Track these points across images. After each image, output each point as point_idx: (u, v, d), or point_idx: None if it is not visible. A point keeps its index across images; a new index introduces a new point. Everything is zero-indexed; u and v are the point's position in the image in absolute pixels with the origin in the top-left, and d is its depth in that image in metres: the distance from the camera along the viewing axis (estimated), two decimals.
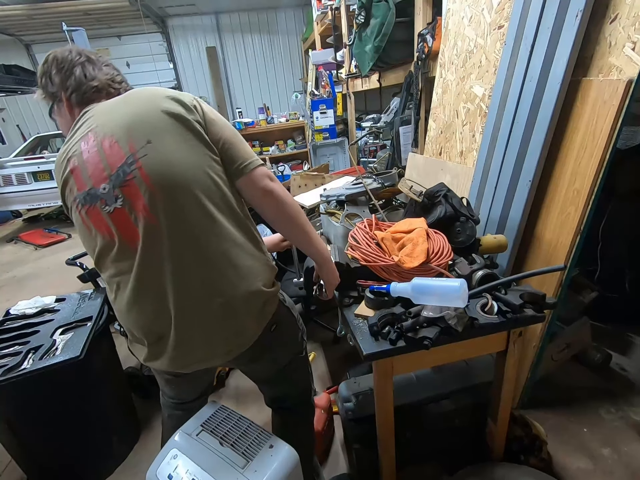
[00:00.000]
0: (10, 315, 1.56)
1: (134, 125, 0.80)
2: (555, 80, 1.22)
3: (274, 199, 0.89)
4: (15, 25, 6.40)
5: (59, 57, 0.91)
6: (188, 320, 0.84)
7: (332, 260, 1.06)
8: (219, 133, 0.87)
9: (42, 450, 1.40)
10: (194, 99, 0.88)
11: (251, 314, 0.89)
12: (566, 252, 1.23)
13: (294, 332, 1.09)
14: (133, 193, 0.78)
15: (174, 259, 0.81)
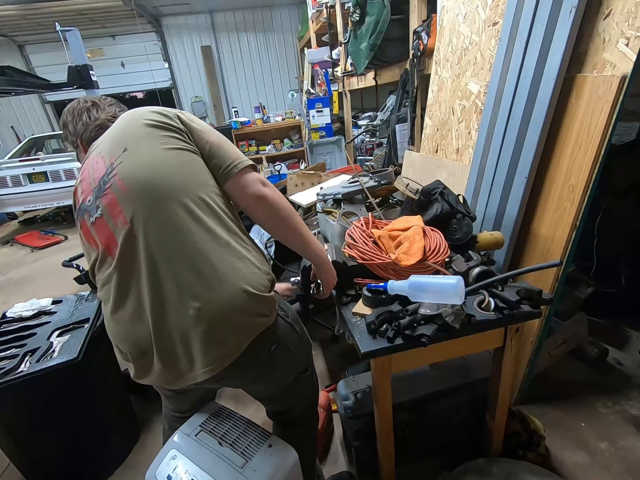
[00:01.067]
0: (6, 317, 1.55)
1: (115, 140, 0.86)
2: (550, 77, 1.22)
3: (266, 204, 0.87)
4: (8, 26, 6.35)
5: (70, 108, 1.03)
6: (166, 331, 0.79)
7: (330, 260, 1.04)
8: (204, 137, 0.88)
9: (41, 453, 1.40)
10: (179, 111, 0.91)
11: (232, 322, 0.79)
12: (562, 247, 1.24)
13: (298, 350, 1.00)
14: (110, 201, 0.80)
15: (149, 263, 0.78)
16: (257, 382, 0.95)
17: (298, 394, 1.07)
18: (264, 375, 0.93)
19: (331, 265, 1.04)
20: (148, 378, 0.85)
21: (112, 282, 0.82)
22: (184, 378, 0.81)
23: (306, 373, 1.06)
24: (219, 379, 0.84)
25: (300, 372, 1.03)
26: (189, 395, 1.05)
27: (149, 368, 0.83)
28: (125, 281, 0.81)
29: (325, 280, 1.05)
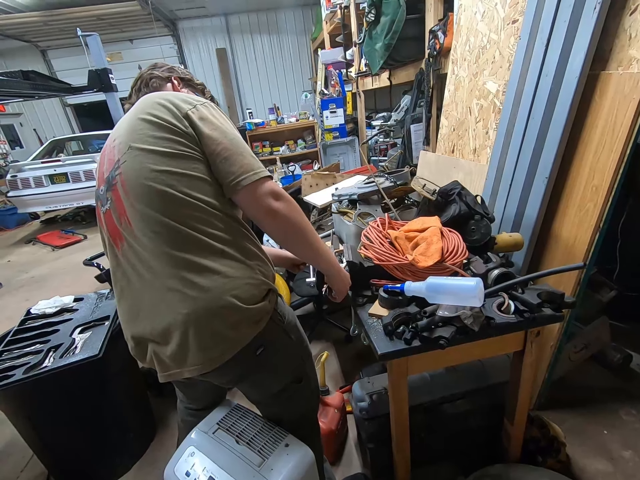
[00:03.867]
0: (31, 314, 1.60)
1: (126, 131, 0.83)
2: (573, 75, 1.19)
3: (278, 220, 0.81)
4: (31, 32, 6.58)
5: None
6: (156, 331, 0.80)
7: (342, 268, 1.00)
8: (211, 146, 0.80)
9: (62, 446, 1.44)
10: (194, 107, 0.82)
11: (217, 332, 0.77)
12: (584, 249, 1.21)
13: (289, 357, 0.95)
14: (117, 197, 0.81)
15: (147, 265, 0.79)
16: (241, 382, 0.93)
17: (289, 404, 0.99)
18: (248, 377, 0.90)
19: (343, 274, 1.00)
20: (145, 364, 0.88)
21: (118, 274, 0.85)
22: (170, 373, 0.82)
23: (299, 384, 0.97)
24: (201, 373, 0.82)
25: (291, 381, 0.96)
26: (196, 387, 1.06)
27: (144, 357, 0.86)
28: (127, 278, 0.83)
29: (338, 290, 1.02)
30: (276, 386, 0.95)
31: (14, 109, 7.59)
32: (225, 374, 0.87)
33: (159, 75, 1.04)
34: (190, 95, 0.87)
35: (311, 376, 1.05)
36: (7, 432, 1.76)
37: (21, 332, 1.48)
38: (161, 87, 1.04)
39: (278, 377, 0.94)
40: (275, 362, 0.91)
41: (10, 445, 1.74)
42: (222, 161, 0.80)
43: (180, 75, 1.08)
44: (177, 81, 1.06)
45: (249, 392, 0.98)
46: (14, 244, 5.11)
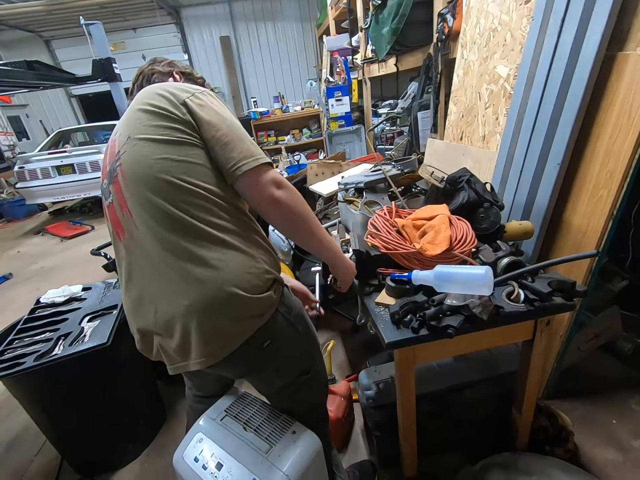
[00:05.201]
0: (40, 303, 1.62)
1: (126, 123, 0.83)
2: (588, 56, 1.14)
3: (280, 209, 0.80)
4: (35, 22, 6.55)
5: None
6: (161, 324, 0.79)
7: (346, 259, 0.98)
8: (211, 132, 0.78)
9: (74, 432, 1.47)
10: (192, 95, 0.80)
11: (220, 323, 0.77)
12: (597, 237, 1.18)
13: (297, 349, 0.93)
14: (117, 189, 0.81)
15: (149, 259, 0.78)
16: (249, 375, 0.93)
17: (298, 396, 0.98)
18: (256, 371, 0.90)
19: (347, 264, 0.98)
20: (153, 357, 0.88)
21: (122, 267, 0.86)
22: (176, 366, 0.82)
23: (307, 375, 0.96)
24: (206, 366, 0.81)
25: (299, 373, 0.94)
26: (204, 377, 1.07)
27: (150, 351, 0.87)
28: (131, 270, 0.83)
29: (342, 280, 1.00)
30: (284, 379, 0.94)
31: (19, 100, 7.61)
32: (232, 367, 0.87)
33: (160, 70, 1.03)
34: (189, 85, 0.86)
35: (319, 368, 1.03)
36: (21, 419, 1.80)
37: (31, 320, 1.50)
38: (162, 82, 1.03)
39: (285, 370, 0.93)
40: (283, 355, 0.89)
41: (24, 431, 1.79)
42: (221, 147, 0.78)
43: (181, 70, 1.08)
44: (178, 75, 1.06)
45: (258, 385, 0.98)
46: (23, 235, 5.17)
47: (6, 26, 6.60)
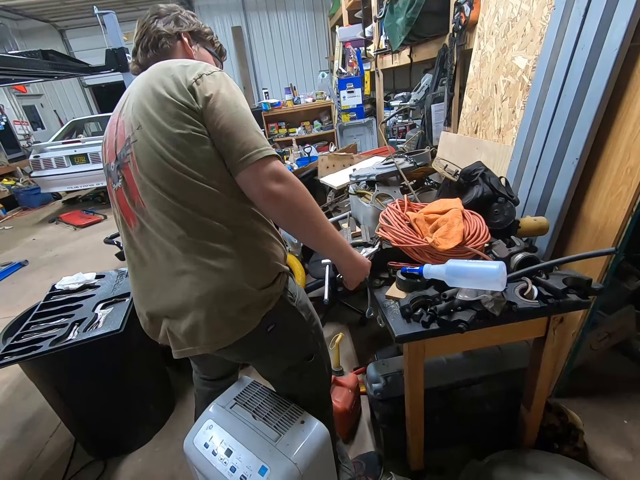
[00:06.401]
0: (55, 290, 1.65)
1: (135, 106, 0.79)
2: (612, 47, 1.11)
3: (278, 204, 0.75)
4: (49, 11, 6.59)
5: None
6: (170, 311, 0.81)
7: (354, 257, 0.93)
8: (214, 120, 0.75)
9: (87, 415, 1.51)
10: (199, 78, 0.76)
11: (227, 315, 0.78)
12: (615, 235, 1.15)
13: (300, 336, 0.95)
14: (129, 176, 0.80)
15: (157, 245, 0.79)
16: (253, 359, 0.95)
17: (302, 381, 1.00)
18: (260, 354, 0.92)
19: (355, 263, 0.93)
20: (159, 340, 0.90)
21: (131, 252, 0.87)
22: (183, 350, 0.83)
23: (310, 360, 0.98)
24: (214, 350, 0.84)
25: (303, 358, 0.97)
26: (209, 360, 1.10)
27: (157, 333, 0.88)
28: (140, 257, 0.84)
29: (348, 279, 0.96)
30: (287, 363, 0.96)
31: (34, 89, 7.70)
32: (238, 351, 0.89)
33: (166, 32, 0.92)
34: (197, 64, 0.80)
35: (323, 357, 1.04)
36: (37, 401, 1.86)
37: (47, 306, 1.54)
38: (172, 50, 0.94)
39: (289, 354, 0.95)
40: (286, 340, 0.92)
41: (39, 413, 1.84)
42: (224, 138, 0.75)
43: (189, 29, 0.96)
44: (186, 38, 0.96)
45: (262, 368, 1.00)
46: (38, 223, 5.28)
47: (22, 16, 6.66)
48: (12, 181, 6.22)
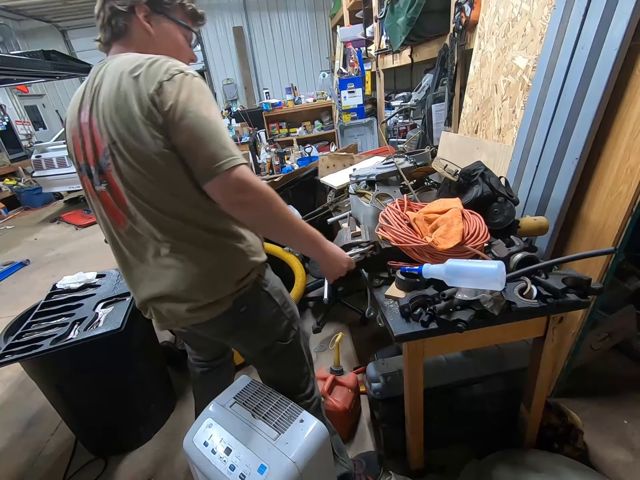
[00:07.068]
0: (57, 289, 1.66)
1: (107, 115, 0.76)
2: (612, 46, 1.11)
3: (244, 212, 0.78)
4: (51, 12, 6.60)
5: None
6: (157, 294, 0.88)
7: (330, 252, 0.95)
8: (176, 135, 0.74)
9: (88, 414, 1.51)
10: (159, 87, 0.72)
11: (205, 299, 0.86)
12: (615, 234, 1.15)
13: (272, 318, 1.00)
14: (113, 182, 0.81)
15: (145, 245, 0.86)
16: (229, 336, 1.01)
17: (278, 363, 1.06)
18: (235, 332, 0.98)
19: (332, 258, 0.96)
20: (145, 314, 0.98)
21: (119, 247, 0.91)
22: (165, 324, 0.94)
23: (284, 342, 1.03)
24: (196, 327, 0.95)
25: (278, 339, 1.02)
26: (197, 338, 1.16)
27: (145, 310, 0.97)
28: (130, 252, 0.89)
29: (325, 272, 1.00)
30: (261, 343, 1.02)
31: (36, 90, 7.71)
32: (214, 327, 0.96)
33: (118, 10, 0.82)
34: (159, 66, 0.74)
35: (300, 341, 1.09)
36: (40, 399, 1.86)
37: (48, 305, 1.54)
38: (127, 30, 0.84)
39: (262, 335, 1.00)
40: (258, 320, 0.97)
41: (41, 411, 1.85)
42: (185, 152, 0.75)
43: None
44: (143, 13, 0.83)
45: (238, 346, 1.07)
46: (40, 223, 5.29)
47: (24, 16, 6.67)
48: (14, 181, 6.24)
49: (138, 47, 0.85)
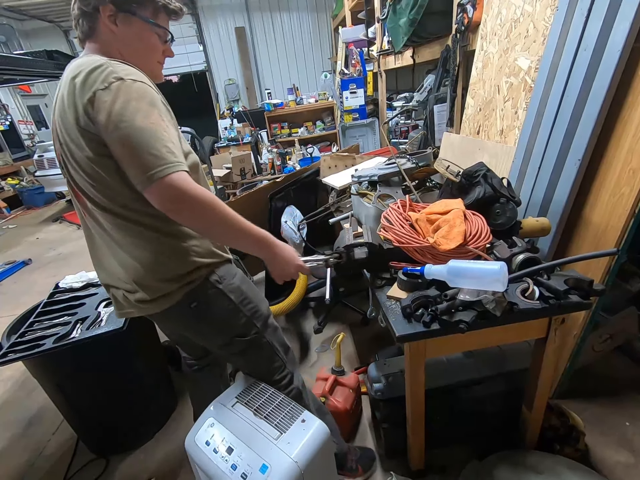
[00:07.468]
0: (59, 288, 1.67)
1: (56, 115, 0.82)
2: (615, 48, 1.11)
3: (180, 218, 0.78)
4: (54, 12, 6.61)
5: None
6: (114, 281, 0.95)
7: (279, 252, 0.93)
8: (110, 145, 0.75)
9: (89, 412, 1.51)
10: (92, 96, 0.72)
11: (154, 290, 0.90)
12: (617, 236, 1.15)
13: (228, 314, 1.00)
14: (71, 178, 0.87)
15: (101, 234, 0.91)
16: (186, 330, 1.05)
17: (245, 357, 1.09)
18: (190, 326, 1.01)
19: (281, 258, 0.94)
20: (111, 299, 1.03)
21: (86, 232, 0.97)
22: (123, 312, 0.98)
23: (244, 338, 1.03)
24: (153, 318, 1.02)
25: (236, 335, 1.03)
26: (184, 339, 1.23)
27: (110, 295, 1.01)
28: (92, 238, 0.96)
29: (271, 271, 0.98)
30: (219, 338, 1.04)
31: (39, 89, 7.73)
32: (169, 319, 1.02)
33: (84, 11, 0.82)
34: (97, 74, 0.73)
35: (266, 337, 1.08)
36: (40, 398, 1.87)
37: (50, 304, 1.55)
38: (94, 31, 0.84)
39: (217, 330, 1.03)
40: (211, 317, 0.99)
41: (43, 410, 1.86)
42: (120, 162, 0.76)
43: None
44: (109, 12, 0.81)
45: (199, 340, 1.09)
46: (42, 222, 5.31)
47: (27, 16, 6.69)
48: (17, 180, 6.26)
49: (103, 47, 0.85)
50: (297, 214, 2.04)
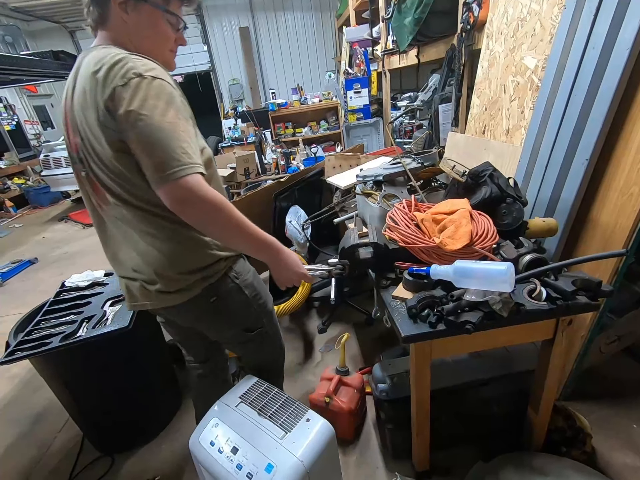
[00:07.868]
0: (65, 287, 1.68)
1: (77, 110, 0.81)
2: (624, 46, 1.09)
3: (189, 219, 0.79)
4: (60, 12, 6.66)
5: None
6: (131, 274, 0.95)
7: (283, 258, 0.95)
8: (129, 141, 0.75)
9: (95, 411, 1.52)
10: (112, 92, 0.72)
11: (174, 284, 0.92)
12: (626, 236, 1.14)
13: (241, 308, 1.04)
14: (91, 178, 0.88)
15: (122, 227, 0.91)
16: (198, 323, 1.07)
17: (246, 350, 1.18)
18: (203, 319, 1.04)
19: (285, 263, 0.95)
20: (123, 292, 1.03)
21: (102, 226, 0.97)
22: (136, 304, 0.99)
23: (251, 333, 1.10)
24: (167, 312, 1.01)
25: (245, 329, 1.09)
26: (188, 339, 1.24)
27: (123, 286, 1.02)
28: (110, 233, 0.95)
29: (276, 278, 0.99)
30: (228, 331, 1.09)
31: (45, 90, 7.79)
32: (184, 313, 1.01)
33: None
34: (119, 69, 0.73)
35: (269, 332, 1.16)
36: (46, 396, 1.88)
37: (56, 303, 1.56)
38: (106, 19, 0.83)
39: (230, 324, 1.06)
40: (227, 311, 1.03)
41: (49, 407, 1.87)
42: (138, 158, 0.76)
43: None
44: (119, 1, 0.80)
45: (208, 332, 1.11)
46: (48, 221, 5.35)
47: (33, 17, 6.75)
48: (23, 180, 6.31)
49: (116, 36, 0.83)
50: (301, 214, 2.04)
